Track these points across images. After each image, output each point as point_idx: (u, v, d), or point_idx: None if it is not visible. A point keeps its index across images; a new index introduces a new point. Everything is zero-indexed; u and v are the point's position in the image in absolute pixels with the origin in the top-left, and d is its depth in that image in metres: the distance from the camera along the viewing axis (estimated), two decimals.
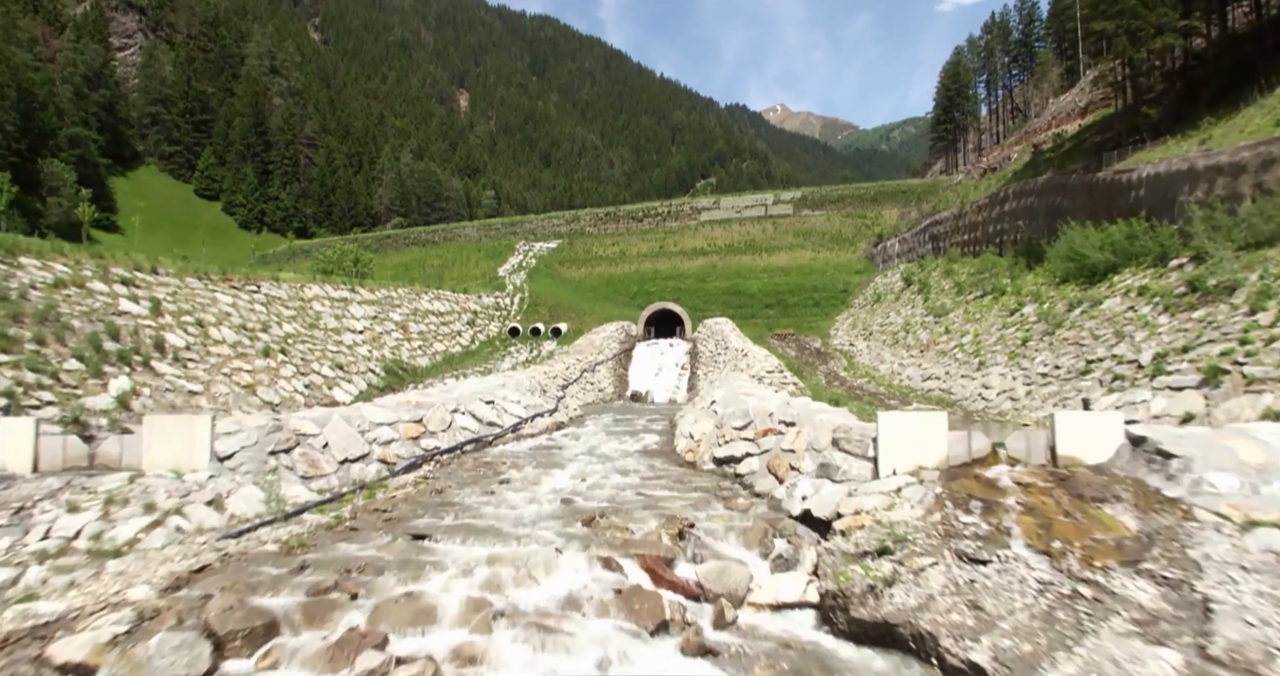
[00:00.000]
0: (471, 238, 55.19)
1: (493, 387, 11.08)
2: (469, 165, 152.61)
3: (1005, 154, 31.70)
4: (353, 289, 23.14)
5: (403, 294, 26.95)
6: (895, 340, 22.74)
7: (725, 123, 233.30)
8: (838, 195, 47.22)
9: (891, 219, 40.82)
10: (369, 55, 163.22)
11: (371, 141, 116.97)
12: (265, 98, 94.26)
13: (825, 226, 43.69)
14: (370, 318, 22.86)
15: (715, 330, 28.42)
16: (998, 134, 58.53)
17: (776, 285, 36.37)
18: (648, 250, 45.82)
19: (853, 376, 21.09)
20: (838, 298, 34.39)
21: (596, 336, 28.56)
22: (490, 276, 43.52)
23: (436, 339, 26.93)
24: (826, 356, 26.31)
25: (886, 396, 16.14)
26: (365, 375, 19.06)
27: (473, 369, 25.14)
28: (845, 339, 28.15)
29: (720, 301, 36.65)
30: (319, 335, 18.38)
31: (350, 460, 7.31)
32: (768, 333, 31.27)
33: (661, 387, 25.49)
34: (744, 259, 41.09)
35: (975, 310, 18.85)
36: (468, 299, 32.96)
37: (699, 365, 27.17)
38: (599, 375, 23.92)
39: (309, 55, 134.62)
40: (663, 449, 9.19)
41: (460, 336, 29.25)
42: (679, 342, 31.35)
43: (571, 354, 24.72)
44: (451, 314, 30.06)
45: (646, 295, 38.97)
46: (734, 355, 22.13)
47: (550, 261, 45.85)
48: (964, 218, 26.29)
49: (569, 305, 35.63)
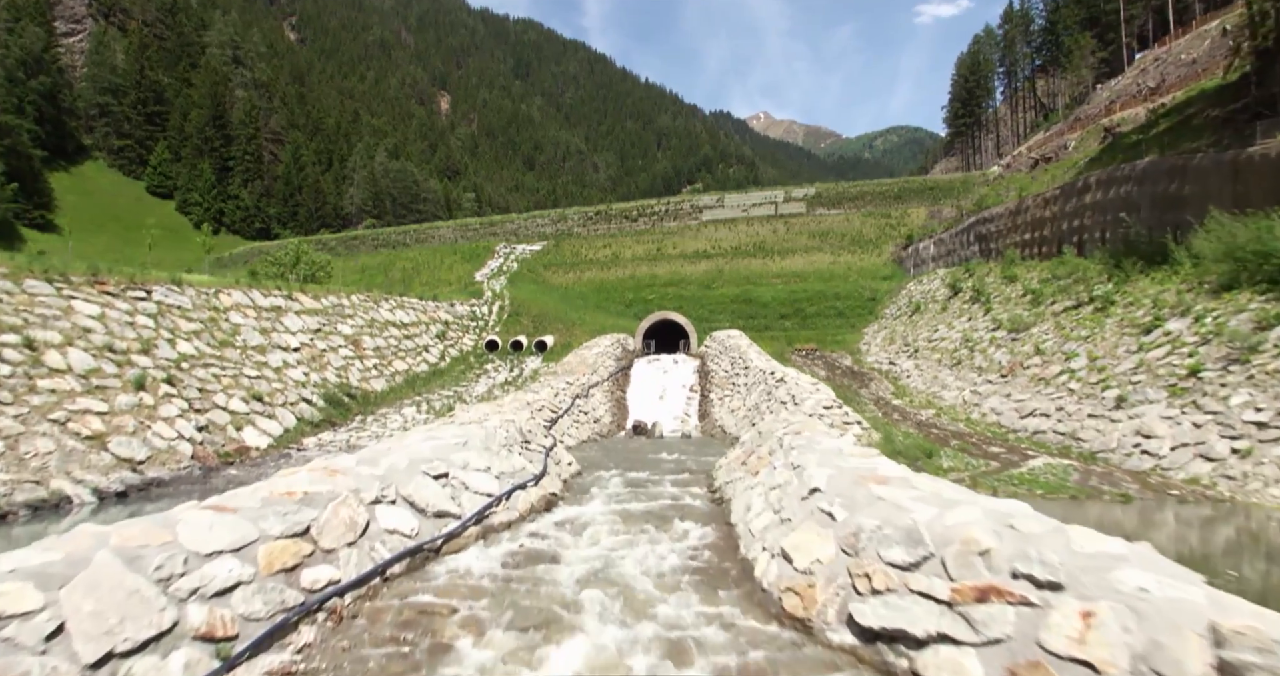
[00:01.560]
0: (447, 239, 51.38)
1: (448, 449, 7.33)
2: (449, 167, 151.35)
3: (1058, 142, 28.68)
4: (290, 295, 19.29)
5: (356, 301, 23.10)
6: (956, 360, 19.27)
7: (711, 128, 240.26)
8: (856, 192, 44.00)
9: (919, 218, 37.68)
10: (347, 54, 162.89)
11: (344, 139, 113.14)
12: (226, 89, 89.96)
13: (844, 227, 40.40)
14: (311, 331, 19.01)
15: (729, 345, 24.86)
16: (1020, 128, 56.18)
17: (793, 293, 32.95)
18: (644, 253, 42.27)
19: (909, 405, 17.56)
20: (864, 307, 31.01)
21: (588, 352, 24.87)
22: (466, 282, 39.74)
23: (398, 356, 23.08)
24: (864, 377, 22.80)
25: (980, 441, 12.60)
26: (296, 407, 15.20)
27: (440, 392, 21.35)
28: (882, 356, 24.68)
29: (729, 311, 33.14)
30: (232, 356, 14.51)
31: (124, 653, 3.49)
32: (788, 347, 27.76)
33: (668, 415, 21.89)
34: (754, 263, 37.65)
35: (1070, 324, 15.42)
36: (438, 307, 29.13)
37: (710, 387, 23.59)
38: (593, 401, 20.22)
39: (282, 51, 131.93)
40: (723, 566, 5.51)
41: (427, 352, 25.42)
42: (684, 359, 27.79)
43: (560, 374, 21.00)
44: (417, 325, 26.23)
45: (644, 303, 35.38)
46: (759, 377, 18.56)
47: (534, 265, 42.14)
48: (1023, 214, 23.00)
49: (555, 315, 31.94)
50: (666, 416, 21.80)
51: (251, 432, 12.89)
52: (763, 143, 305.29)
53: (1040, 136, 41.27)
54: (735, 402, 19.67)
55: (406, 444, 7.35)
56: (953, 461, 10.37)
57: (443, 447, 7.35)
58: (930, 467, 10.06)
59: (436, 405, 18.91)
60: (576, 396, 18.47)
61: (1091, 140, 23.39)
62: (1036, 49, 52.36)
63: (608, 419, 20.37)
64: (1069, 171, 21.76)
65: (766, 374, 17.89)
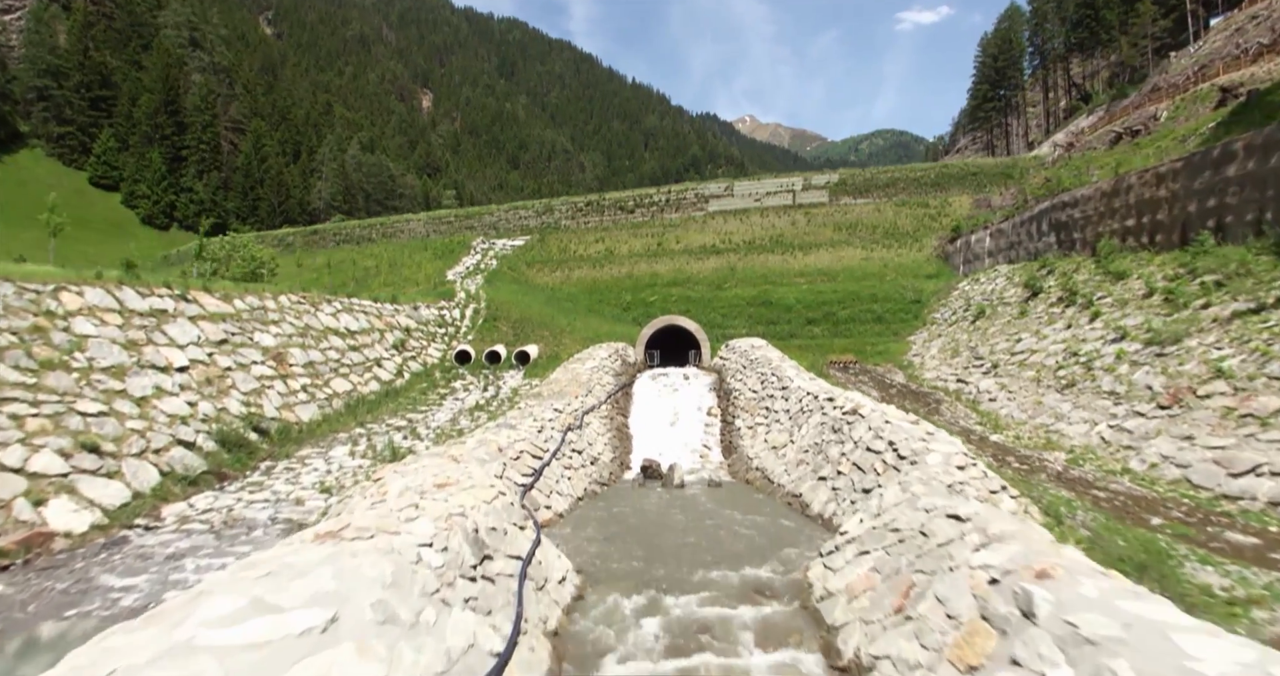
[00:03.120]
0: (418, 233, 46.97)
1: (283, 655, 2.72)
2: (430, 164, 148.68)
3: (1140, 114, 24.89)
4: (184, 295, 14.86)
5: (286, 304, 18.69)
6: (1066, 380, 15.19)
7: (699, 129, 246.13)
8: (886, 178, 40.00)
9: (963, 207, 33.82)
10: (324, 49, 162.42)
11: (313, 130, 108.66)
12: (181, 73, 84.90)
13: (874, 218, 36.40)
14: (213, 343, 14.61)
15: (754, 357, 20.66)
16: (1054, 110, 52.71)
17: (820, 294, 28.89)
18: (642, 248, 38.08)
19: (1016, 443, 13.45)
20: (907, 310, 26.99)
21: (582, 366, 20.57)
22: (437, 281, 35.36)
23: (339, 373, 18.69)
24: (928, 400, 18.69)
25: (1191, 516, 8.51)
26: (165, 454, 10.81)
27: (391, 421, 17.00)
28: (945, 372, 20.62)
29: (745, 315, 29.01)
30: (60, 384, 10.12)
31: None
32: (821, 359, 23.67)
33: (684, 448, 17.70)
34: (771, 259, 33.56)
35: (1259, 335, 11.39)
36: (397, 311, 24.73)
37: (735, 411, 19.36)
38: (589, 432, 15.92)
39: (254, 43, 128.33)
40: None
41: (380, 366, 21.03)
42: (697, 373, 23.66)
43: (546, 397, 16.67)
44: (369, 333, 21.82)
45: (644, 306, 31.20)
46: (807, 403, 14.39)
47: (516, 262, 37.83)
48: (1124, 194, 19.05)
49: (540, 320, 27.68)
50: (682, 450, 17.58)
51: (62, 507, 8.50)
52: (750, 145, 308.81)
53: (1099, 114, 37.67)
54: (776, 436, 15.43)
55: (174, 642, 3.01)
56: (1219, 576, 6.32)
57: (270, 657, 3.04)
58: (1195, 592, 5.97)
59: (380, 441, 14.56)
60: (569, 428, 14.18)
61: (1197, 106, 19.66)
62: (1073, 25, 48.72)
63: (608, 456, 16.06)
64: (1186, 141, 17.93)
65: (819, 399, 13.71)
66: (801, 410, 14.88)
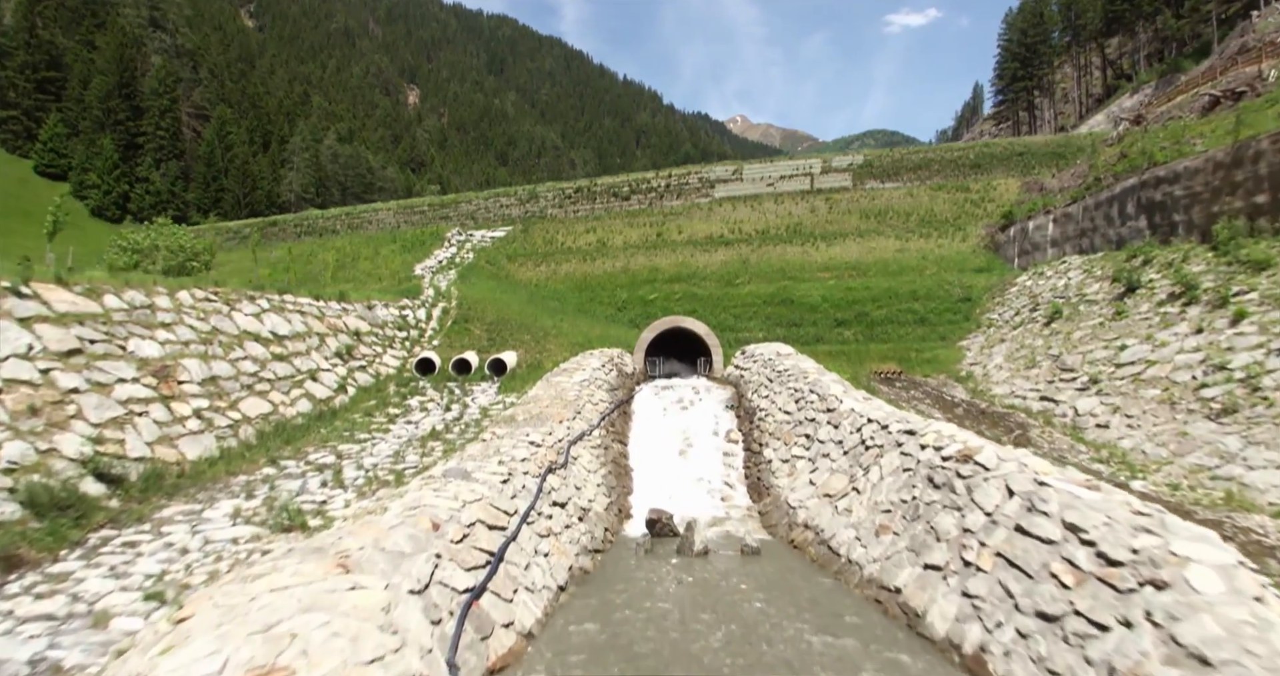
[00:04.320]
0: (388, 224, 43.17)
1: None
2: (414, 158, 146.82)
3: (1245, 74, 21.52)
4: (16, 289, 11.06)
5: (187, 301, 14.86)
6: (1217, 404, 11.59)
7: (693, 126, 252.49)
8: (919, 159, 36.45)
9: (1010, 191, 30.36)
10: (307, 42, 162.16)
11: (285, 119, 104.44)
12: (139, 54, 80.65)
13: (907, 203, 32.85)
14: (57, 354, 10.82)
15: (781, 368, 16.97)
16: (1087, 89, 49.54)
17: (850, 291, 25.32)
18: (640, 239, 34.40)
19: (1171, 493, 9.85)
20: (955, 310, 23.45)
21: (569, 379, 16.80)
22: (404, 276, 31.58)
23: (255, 390, 14.88)
24: (1005, 423, 15.09)
25: None
26: None
27: (316, 455, 13.24)
28: (1020, 385, 17.03)
29: (762, 316, 25.39)
30: None
31: None
32: (860, 369, 20.06)
33: (701, 487, 14.11)
34: (789, 251, 29.96)
35: None
36: (345, 311, 20.91)
37: (762, 436, 15.67)
38: (577, 470, 12.18)
39: (232, 33, 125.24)
40: None
41: (316, 380, 17.22)
42: (710, 386, 20.08)
43: (521, 423, 12.88)
44: (303, 338, 18.00)
45: (642, 306, 27.55)
46: (870, 434, 10.75)
47: (495, 255, 34.08)
48: (1251, 164, 15.53)
49: (521, 321, 23.99)
50: (697, 489, 13.96)
51: None
52: (742, 144, 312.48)
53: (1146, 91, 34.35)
54: (830, 478, 11.71)
55: None
56: None
57: None
58: None
59: (287, 489, 10.80)
60: (549, 470, 10.45)
61: None
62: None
63: (602, 503, 12.30)
64: None
65: (891, 431, 10.06)
66: (864, 444, 11.17)
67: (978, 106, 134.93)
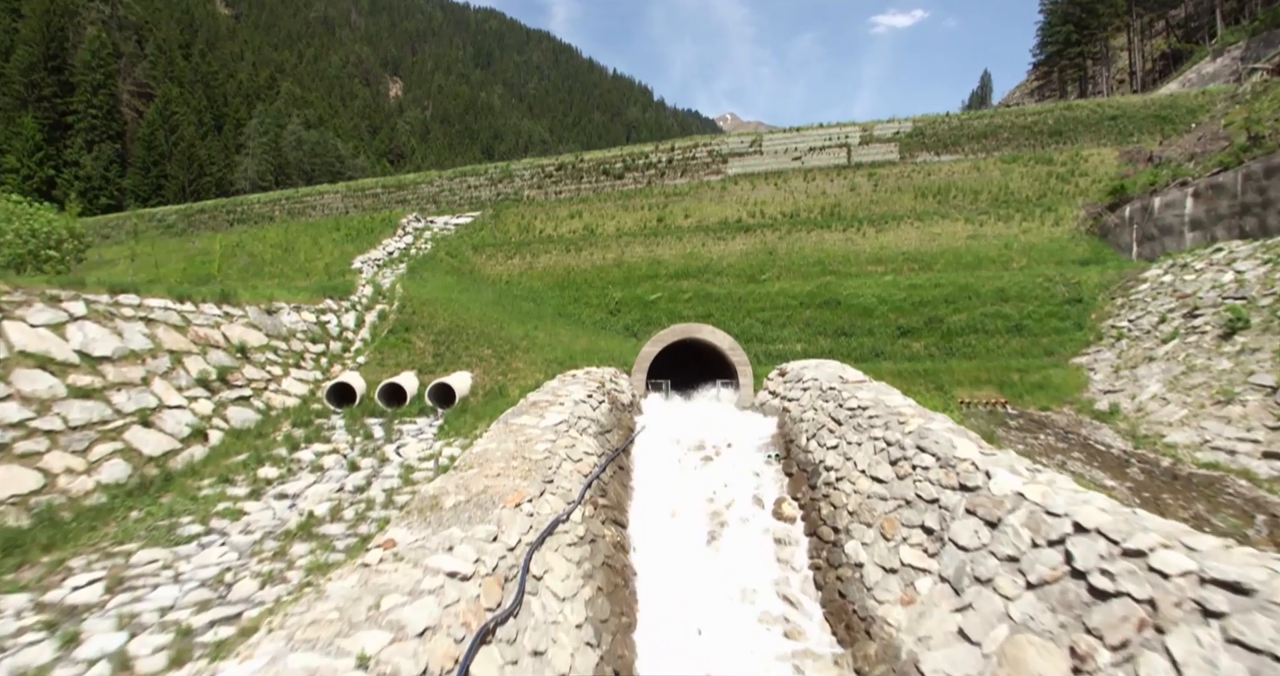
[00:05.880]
0: (335, 209, 37.40)
1: None
2: (393, 150, 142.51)
3: None
4: None
5: None
6: None
7: (684, 122, 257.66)
8: (983, 126, 31.00)
9: (1107, 163, 25.14)
10: (284, 30, 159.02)
11: (244, 102, 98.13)
12: (70, 24, 74.11)
13: (973, 179, 27.49)
14: None
15: (851, 402, 11.37)
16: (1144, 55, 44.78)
17: (916, 290, 19.96)
18: (637, 225, 28.89)
19: None
20: (1061, 315, 18.13)
21: (537, 423, 11.05)
22: (340, 270, 25.93)
23: (17, 454, 9.29)
24: (1220, 497, 9.75)
25: None
26: None
27: (91, 571, 7.64)
28: (1213, 430, 11.68)
29: (799, 322, 19.94)
30: None
31: None
32: (944, 397, 14.66)
33: (747, 610, 8.45)
34: (828, 239, 24.53)
35: None
36: (225, 317, 15.23)
37: (836, 513, 10.09)
38: (542, 605, 6.46)
39: (201, 19, 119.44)
40: None
41: (151, 425, 11.57)
42: (740, 417, 14.79)
43: (451, 511, 7.12)
44: (142, 358, 12.35)
45: (642, 308, 22.09)
46: (1103, 561, 5.18)
47: (458, 246, 28.47)
48: None
49: (481, 330, 18.45)
50: (742, 614, 8.46)
51: None
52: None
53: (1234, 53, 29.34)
54: (1015, 641, 6.17)
55: None
56: None
57: None
58: None
59: None
60: (480, 639, 4.80)
61: None
62: None
63: (587, 663, 6.70)
64: None
65: (1115, 557, 4.52)
66: (1075, 574, 5.56)
67: (986, 96, 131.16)
